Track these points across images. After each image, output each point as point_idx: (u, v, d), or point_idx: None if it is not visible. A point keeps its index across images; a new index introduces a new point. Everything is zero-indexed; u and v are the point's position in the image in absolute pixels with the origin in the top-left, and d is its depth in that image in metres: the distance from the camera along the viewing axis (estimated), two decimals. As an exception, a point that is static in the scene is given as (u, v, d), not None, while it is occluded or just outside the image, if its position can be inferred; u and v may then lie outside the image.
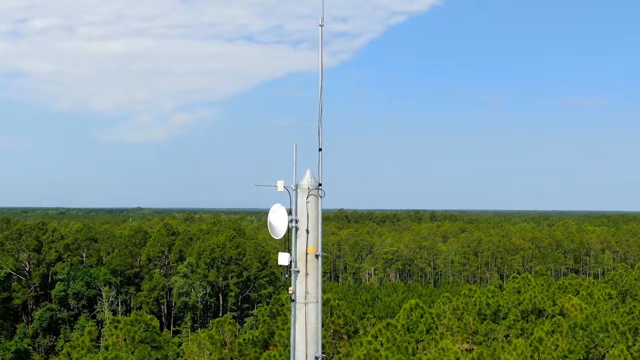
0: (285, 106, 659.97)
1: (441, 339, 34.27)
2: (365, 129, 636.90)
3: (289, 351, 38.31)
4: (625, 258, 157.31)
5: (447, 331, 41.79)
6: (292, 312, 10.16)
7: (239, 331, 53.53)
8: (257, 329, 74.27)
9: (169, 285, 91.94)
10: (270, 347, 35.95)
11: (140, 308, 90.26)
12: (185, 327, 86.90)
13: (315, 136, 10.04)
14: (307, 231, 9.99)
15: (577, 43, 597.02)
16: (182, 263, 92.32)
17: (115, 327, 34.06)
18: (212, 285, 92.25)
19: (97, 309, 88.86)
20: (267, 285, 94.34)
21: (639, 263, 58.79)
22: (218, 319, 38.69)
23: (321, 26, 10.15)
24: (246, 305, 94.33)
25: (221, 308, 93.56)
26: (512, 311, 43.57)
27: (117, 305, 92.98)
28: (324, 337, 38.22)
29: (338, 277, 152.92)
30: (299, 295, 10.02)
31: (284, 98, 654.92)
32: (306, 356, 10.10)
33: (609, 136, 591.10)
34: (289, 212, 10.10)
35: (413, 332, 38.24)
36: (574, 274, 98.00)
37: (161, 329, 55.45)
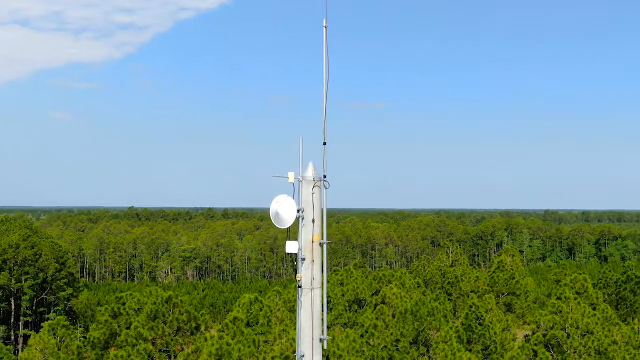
0: (63, 98, 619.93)
1: (286, 331, 35.46)
2: (156, 126, 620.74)
3: (137, 351, 36.97)
4: (405, 251, 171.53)
5: (280, 323, 43.12)
6: (298, 297, 10.59)
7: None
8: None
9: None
10: (112, 349, 34.64)
11: None
12: (-28, 336, 79.19)
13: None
14: (313, 220, 10.51)
15: (362, 55, 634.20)
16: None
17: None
18: (3, 289, 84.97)
19: None
20: (65, 287, 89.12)
21: (439, 254, 65.09)
22: (50, 321, 36.31)
23: (325, 27, 10.66)
24: (42, 309, 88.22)
25: (13, 313, 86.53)
26: (340, 302, 46.16)
27: None
28: (168, 334, 37.51)
29: (134, 277, 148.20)
30: (305, 281, 10.50)
31: (63, 89, 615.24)
32: (312, 338, 10.56)
33: (386, 137, 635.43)
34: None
35: (254, 325, 39.04)
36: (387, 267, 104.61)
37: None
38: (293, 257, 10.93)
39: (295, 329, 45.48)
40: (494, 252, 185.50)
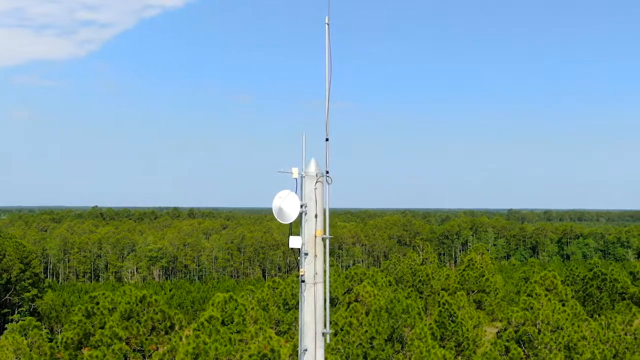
0: (26, 96, 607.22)
1: (263, 329, 35.46)
2: (120, 125, 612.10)
3: (112, 351, 36.57)
4: (372, 250, 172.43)
5: (256, 322, 43.08)
6: (301, 292, 10.67)
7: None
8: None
9: None
10: (86, 349, 34.25)
11: None
12: None
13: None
14: (316, 216, 10.61)
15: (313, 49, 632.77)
16: None
17: None
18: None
19: None
20: (30, 287, 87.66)
21: (409, 253, 65.66)
22: (21, 322, 35.67)
23: (327, 24, 10.74)
24: (6, 310, 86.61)
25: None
26: (314, 300, 46.31)
27: None
28: (143, 334, 37.17)
29: (99, 277, 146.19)
30: (308, 276, 10.58)
31: (25, 87, 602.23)
32: (315, 333, 10.65)
33: (352, 136, 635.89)
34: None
35: (229, 324, 38.94)
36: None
37: None
38: (296, 252, 11.03)
39: (270, 327, 45.53)
40: (460, 251, 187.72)
